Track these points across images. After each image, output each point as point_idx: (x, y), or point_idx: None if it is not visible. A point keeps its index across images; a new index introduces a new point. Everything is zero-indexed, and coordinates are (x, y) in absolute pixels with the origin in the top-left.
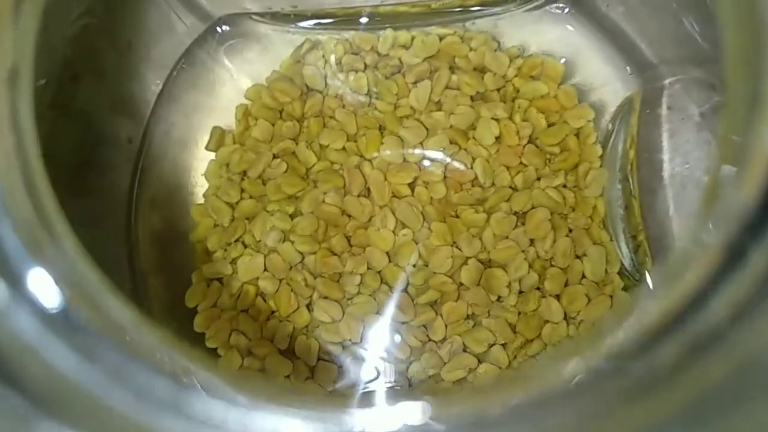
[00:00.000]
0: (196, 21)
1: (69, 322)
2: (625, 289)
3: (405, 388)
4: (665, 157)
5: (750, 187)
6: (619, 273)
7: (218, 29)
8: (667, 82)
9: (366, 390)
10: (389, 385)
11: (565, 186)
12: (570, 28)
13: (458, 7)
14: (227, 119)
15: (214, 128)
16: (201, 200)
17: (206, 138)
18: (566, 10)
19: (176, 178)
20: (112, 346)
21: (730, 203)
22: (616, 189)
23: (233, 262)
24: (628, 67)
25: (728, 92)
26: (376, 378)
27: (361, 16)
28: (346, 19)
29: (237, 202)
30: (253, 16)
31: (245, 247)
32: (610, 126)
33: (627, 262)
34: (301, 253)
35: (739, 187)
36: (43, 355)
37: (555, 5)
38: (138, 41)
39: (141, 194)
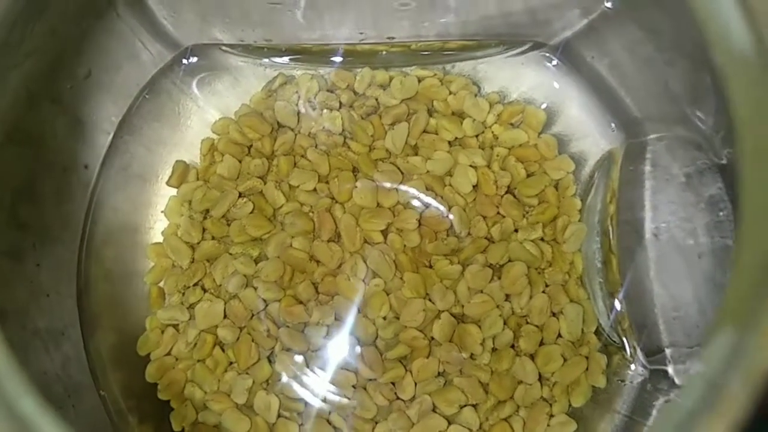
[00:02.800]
0: (163, 50)
1: None
2: (600, 350)
3: None
4: (647, 215)
5: None
6: (595, 332)
7: (185, 60)
8: (650, 138)
9: None
10: None
11: (542, 239)
12: (552, 76)
13: (439, 49)
14: (191, 154)
15: (177, 162)
16: (159, 239)
17: (168, 172)
18: (550, 58)
19: (134, 214)
20: None
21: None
22: (594, 244)
23: (191, 307)
24: (611, 120)
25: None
26: None
27: (338, 54)
28: (321, 56)
29: (198, 243)
30: (224, 47)
31: (204, 291)
32: (590, 179)
33: (604, 321)
34: (265, 301)
35: None
36: None
37: (538, 52)
38: (99, 69)
39: (94, 229)
